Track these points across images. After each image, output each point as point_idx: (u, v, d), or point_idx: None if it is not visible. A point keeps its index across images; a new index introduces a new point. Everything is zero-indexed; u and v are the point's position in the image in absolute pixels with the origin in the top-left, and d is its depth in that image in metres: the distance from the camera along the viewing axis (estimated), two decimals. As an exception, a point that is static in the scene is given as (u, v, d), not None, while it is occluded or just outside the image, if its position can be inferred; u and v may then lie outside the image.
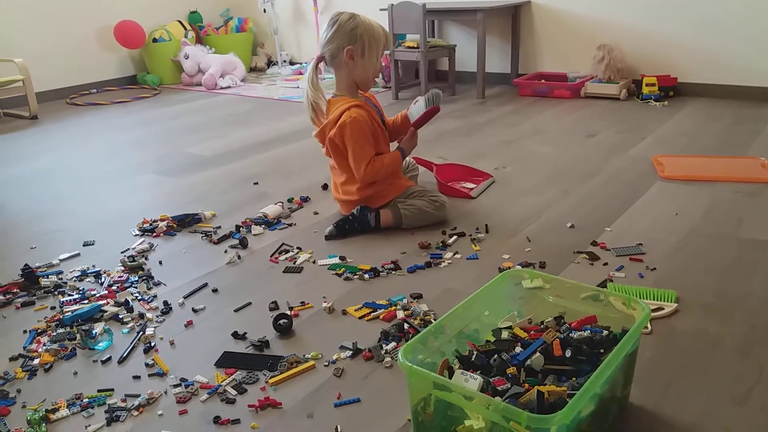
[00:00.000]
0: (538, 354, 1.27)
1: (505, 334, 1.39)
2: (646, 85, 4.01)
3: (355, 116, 2.19)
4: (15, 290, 1.98)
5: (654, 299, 1.71)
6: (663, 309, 1.66)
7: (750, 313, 1.64)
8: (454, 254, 2.06)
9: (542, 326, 1.41)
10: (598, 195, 2.51)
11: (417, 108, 2.35)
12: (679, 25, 4.00)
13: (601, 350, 1.29)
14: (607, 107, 3.96)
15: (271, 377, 1.48)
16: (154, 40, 5.66)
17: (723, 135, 3.22)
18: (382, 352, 1.55)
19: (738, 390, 1.37)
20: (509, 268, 1.94)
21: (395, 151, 2.34)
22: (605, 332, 1.32)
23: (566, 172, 2.79)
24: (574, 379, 1.23)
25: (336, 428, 1.31)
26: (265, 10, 6.06)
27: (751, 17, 3.76)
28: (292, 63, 6.18)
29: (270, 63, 6.35)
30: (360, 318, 1.72)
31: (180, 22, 5.91)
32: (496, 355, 1.28)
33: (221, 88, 5.44)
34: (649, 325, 1.60)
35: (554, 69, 4.60)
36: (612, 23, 4.24)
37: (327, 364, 1.53)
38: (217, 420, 1.36)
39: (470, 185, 2.65)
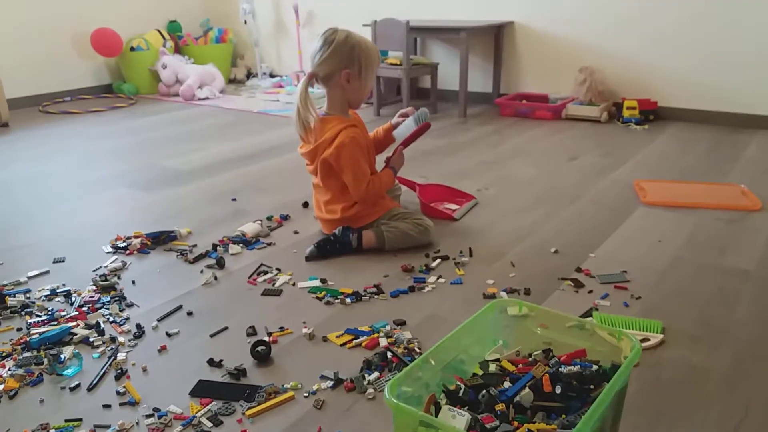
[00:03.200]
0: (527, 390, 1.23)
1: (492, 367, 1.35)
2: (627, 108, 4.05)
3: (353, 136, 2.17)
4: (-21, 309, 1.90)
5: (640, 329, 1.69)
6: (649, 340, 1.64)
7: (735, 344, 1.63)
8: (437, 278, 2.03)
9: (531, 359, 1.37)
10: (581, 219, 2.50)
11: (405, 127, 2.34)
12: (660, 49, 4.05)
13: (591, 386, 1.26)
14: (588, 129, 3.98)
15: (249, 408, 1.42)
16: (132, 49, 5.57)
17: (703, 160, 3.25)
18: (365, 383, 1.50)
19: (725, 426, 1.35)
20: (494, 294, 1.91)
21: (387, 169, 2.33)
22: (594, 367, 1.29)
23: (549, 195, 2.78)
24: (563, 416, 1.20)
25: (316, 465, 1.26)
26: (246, 22, 6.01)
27: (730, 45, 3.82)
28: (272, 75, 6.13)
29: (249, 75, 6.30)
30: (341, 345, 1.67)
31: (159, 31, 5.82)
32: (484, 391, 1.24)
33: (199, 99, 5.37)
34: (635, 357, 1.57)
35: (536, 90, 4.62)
36: (594, 46, 4.28)
37: (307, 394, 1.48)
38: (191, 455, 1.29)
39: (453, 206, 2.62)
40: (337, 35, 2.14)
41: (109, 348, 1.68)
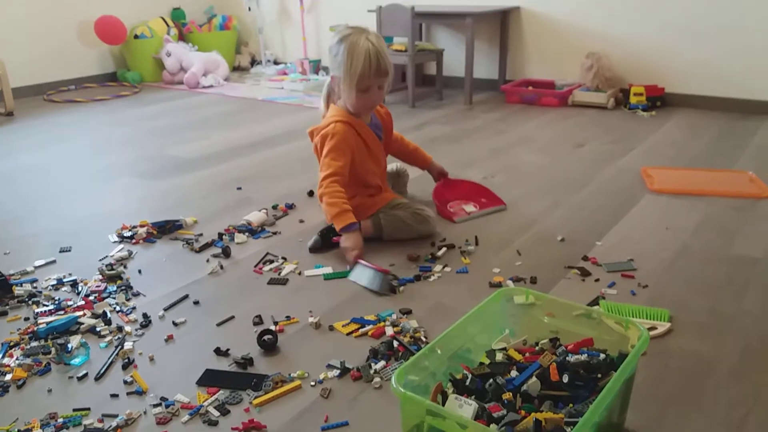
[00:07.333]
0: (534, 378, 1.23)
1: (499, 356, 1.35)
2: (634, 94, 4.01)
3: (338, 130, 2.16)
4: (-14, 299, 1.90)
5: (647, 318, 1.68)
6: (656, 328, 1.63)
7: (743, 333, 1.62)
8: (443, 267, 2.02)
9: (537, 348, 1.37)
10: (588, 207, 2.48)
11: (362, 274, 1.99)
12: (667, 35, 4.01)
13: (599, 375, 1.25)
14: (594, 116, 3.95)
15: (256, 398, 1.42)
16: (136, 37, 5.54)
17: (710, 147, 3.23)
18: (371, 371, 1.50)
19: (734, 415, 1.34)
20: (500, 282, 1.90)
21: (350, 215, 2.09)
22: (602, 356, 1.29)
23: (555, 183, 2.77)
24: (571, 405, 1.20)
25: (323, 454, 1.26)
26: (249, 8, 5.98)
27: (738, 30, 3.78)
28: (276, 63, 6.10)
29: (254, 62, 6.27)
30: (348, 334, 1.67)
31: (162, 18, 5.80)
32: (491, 380, 1.24)
33: (204, 87, 5.35)
34: (643, 346, 1.57)
35: (542, 76, 4.58)
36: (601, 32, 4.24)
37: (314, 383, 1.48)
38: (198, 444, 1.30)
39: (471, 208, 2.49)
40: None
41: (116, 337, 1.69)
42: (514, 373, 1.27)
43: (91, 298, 1.89)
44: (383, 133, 2.37)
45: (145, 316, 1.78)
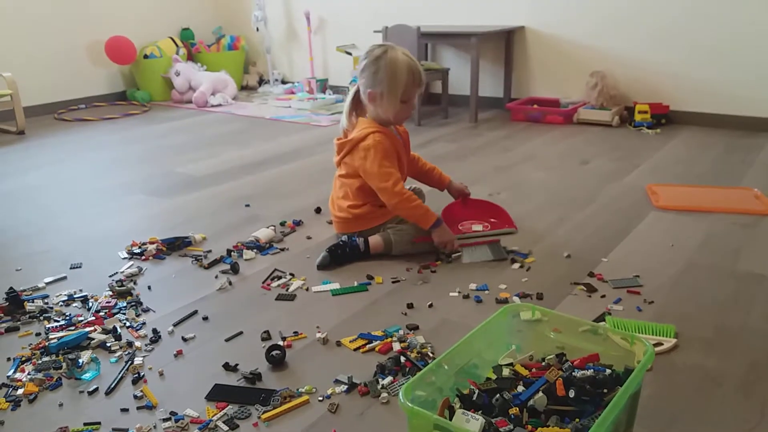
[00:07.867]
0: (540, 394, 1.24)
1: (506, 372, 1.36)
2: (639, 112, 4.04)
3: (379, 140, 2.20)
4: (-1, 315, 1.93)
5: (653, 334, 1.69)
6: (662, 344, 1.64)
7: (749, 349, 1.63)
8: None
9: (544, 363, 1.38)
10: (594, 224, 2.49)
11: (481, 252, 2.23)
12: (672, 53, 4.04)
13: (605, 390, 1.26)
14: (599, 134, 3.97)
15: (264, 412, 1.44)
16: (145, 57, 5.62)
17: (716, 164, 3.24)
18: (379, 387, 1.51)
19: (740, 430, 1.34)
20: (506, 299, 1.91)
21: (432, 213, 2.21)
22: (608, 371, 1.29)
23: (561, 200, 2.78)
24: (577, 420, 1.20)
25: (331, 468, 1.27)
26: (258, 29, 6.06)
27: (742, 46, 3.81)
28: (284, 82, 6.17)
29: (261, 82, 6.34)
30: (355, 350, 1.68)
31: (172, 38, 5.88)
32: (498, 395, 1.25)
33: (212, 106, 5.41)
34: (649, 361, 1.57)
35: (547, 94, 4.62)
36: (605, 50, 4.28)
37: (321, 399, 1.49)
38: (208, 458, 1.31)
39: (479, 227, 2.44)
40: (372, 53, 2.19)
41: (126, 352, 1.71)
42: (520, 388, 1.28)
43: (102, 313, 1.91)
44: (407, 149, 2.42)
45: (154, 331, 1.80)
